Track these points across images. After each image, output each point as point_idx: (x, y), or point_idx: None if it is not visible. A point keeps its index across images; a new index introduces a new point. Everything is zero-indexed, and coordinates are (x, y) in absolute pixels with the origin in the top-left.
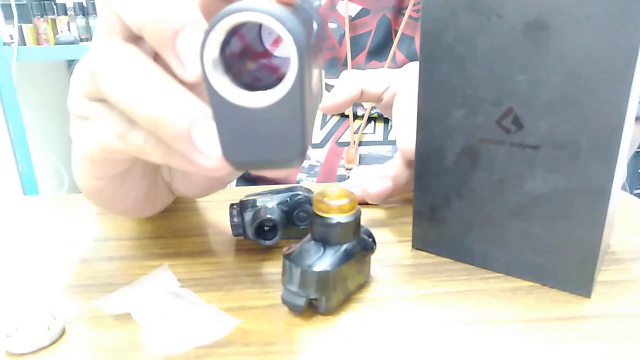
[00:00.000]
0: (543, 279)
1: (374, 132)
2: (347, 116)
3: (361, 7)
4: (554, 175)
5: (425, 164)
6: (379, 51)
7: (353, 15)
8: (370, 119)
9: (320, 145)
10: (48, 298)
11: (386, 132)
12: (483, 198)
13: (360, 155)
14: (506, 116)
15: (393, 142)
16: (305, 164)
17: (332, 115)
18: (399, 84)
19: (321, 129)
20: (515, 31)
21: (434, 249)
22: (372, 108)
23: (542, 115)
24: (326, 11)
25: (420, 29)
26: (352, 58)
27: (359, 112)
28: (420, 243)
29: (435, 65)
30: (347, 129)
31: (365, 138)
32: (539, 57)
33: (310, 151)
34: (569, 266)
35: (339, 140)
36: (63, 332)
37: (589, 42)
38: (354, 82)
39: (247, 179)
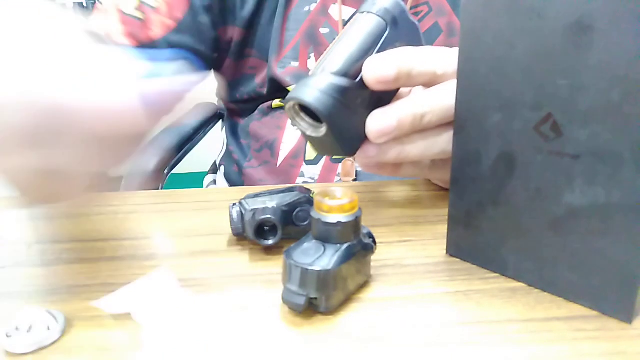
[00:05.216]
0: (580, 298)
1: None
2: None
3: (355, 10)
4: (594, 188)
5: (462, 168)
6: None
7: (346, 19)
8: None
9: (314, 161)
10: (48, 298)
11: None
12: (519, 207)
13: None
14: (545, 122)
15: None
16: (300, 180)
17: None
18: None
19: None
20: (556, 32)
21: (469, 256)
22: None
23: (583, 123)
24: (317, 16)
25: (460, 28)
26: None
27: None
28: (454, 249)
29: (474, 66)
30: None
31: None
32: (581, 60)
33: (303, 167)
34: (608, 287)
35: (334, 157)
36: (63, 332)
37: (635, 45)
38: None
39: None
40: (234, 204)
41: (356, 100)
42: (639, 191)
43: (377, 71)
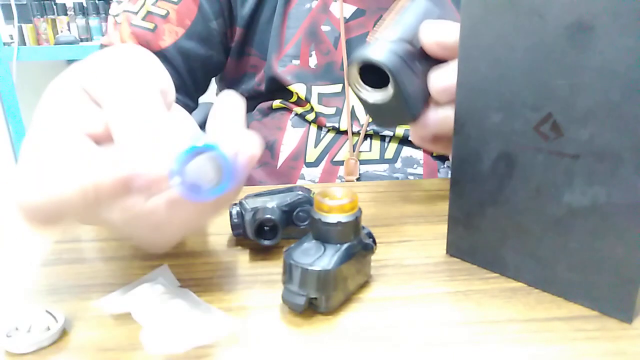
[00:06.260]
0: (580, 298)
1: (370, 150)
2: (342, 132)
3: (356, 8)
4: (594, 187)
5: (462, 168)
6: None
7: (348, 17)
8: (367, 136)
9: (315, 164)
10: (48, 298)
11: (382, 150)
12: (519, 207)
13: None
14: (545, 122)
15: (389, 161)
16: (300, 183)
17: (328, 131)
18: None
19: (315, 147)
20: (556, 32)
21: (469, 256)
22: (369, 124)
23: (583, 123)
24: (318, 13)
25: (460, 28)
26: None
27: (355, 129)
28: (454, 249)
29: (474, 66)
30: (342, 147)
31: (362, 156)
32: (581, 60)
33: (304, 170)
34: (608, 287)
35: (334, 159)
36: (63, 332)
37: (635, 44)
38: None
39: None
40: (234, 204)
41: (415, 64)
42: (639, 191)
43: (438, 34)
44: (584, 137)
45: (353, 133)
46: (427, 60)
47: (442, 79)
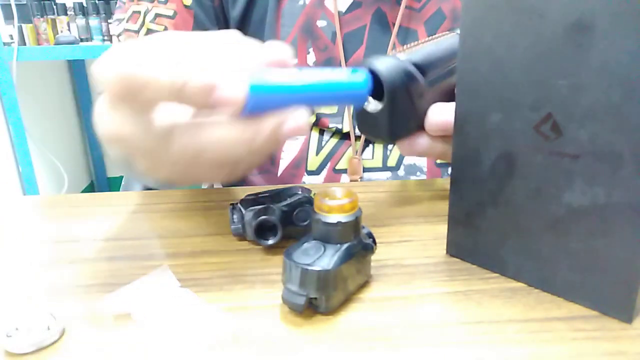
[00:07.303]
0: (579, 298)
1: (373, 158)
2: (344, 139)
3: (352, 0)
4: (594, 187)
5: (461, 168)
6: (378, 46)
7: (344, 10)
8: (368, 142)
9: (317, 172)
10: (48, 298)
11: (385, 158)
12: (519, 207)
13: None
14: (545, 122)
15: (392, 168)
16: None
17: (330, 138)
18: None
19: (317, 154)
20: (557, 32)
21: (469, 256)
22: None
23: (583, 123)
24: (313, 9)
25: (460, 28)
26: (350, 55)
27: (357, 132)
28: (454, 249)
29: (474, 66)
30: (344, 154)
31: (364, 164)
32: (581, 60)
33: (305, 177)
34: (608, 287)
35: (336, 167)
36: (63, 332)
37: (635, 45)
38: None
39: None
40: (234, 204)
41: (417, 95)
42: (639, 191)
43: (440, 119)
44: (584, 137)
45: (355, 136)
46: (429, 96)
47: (442, 115)
